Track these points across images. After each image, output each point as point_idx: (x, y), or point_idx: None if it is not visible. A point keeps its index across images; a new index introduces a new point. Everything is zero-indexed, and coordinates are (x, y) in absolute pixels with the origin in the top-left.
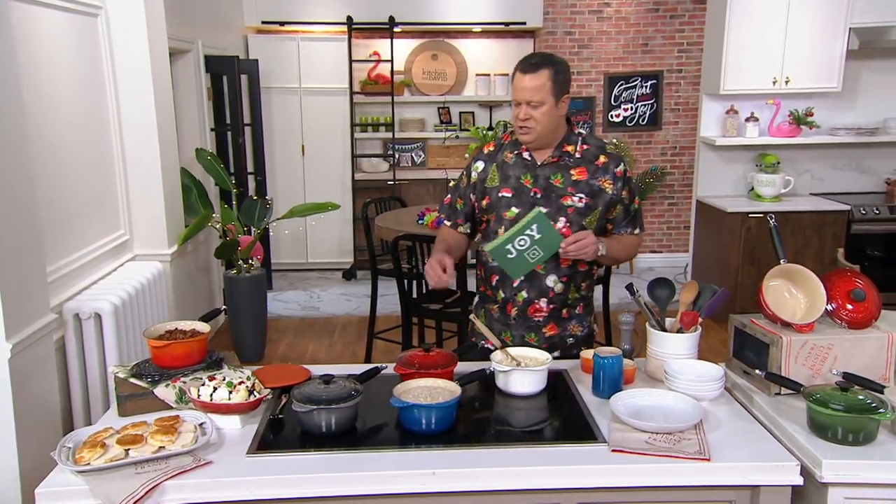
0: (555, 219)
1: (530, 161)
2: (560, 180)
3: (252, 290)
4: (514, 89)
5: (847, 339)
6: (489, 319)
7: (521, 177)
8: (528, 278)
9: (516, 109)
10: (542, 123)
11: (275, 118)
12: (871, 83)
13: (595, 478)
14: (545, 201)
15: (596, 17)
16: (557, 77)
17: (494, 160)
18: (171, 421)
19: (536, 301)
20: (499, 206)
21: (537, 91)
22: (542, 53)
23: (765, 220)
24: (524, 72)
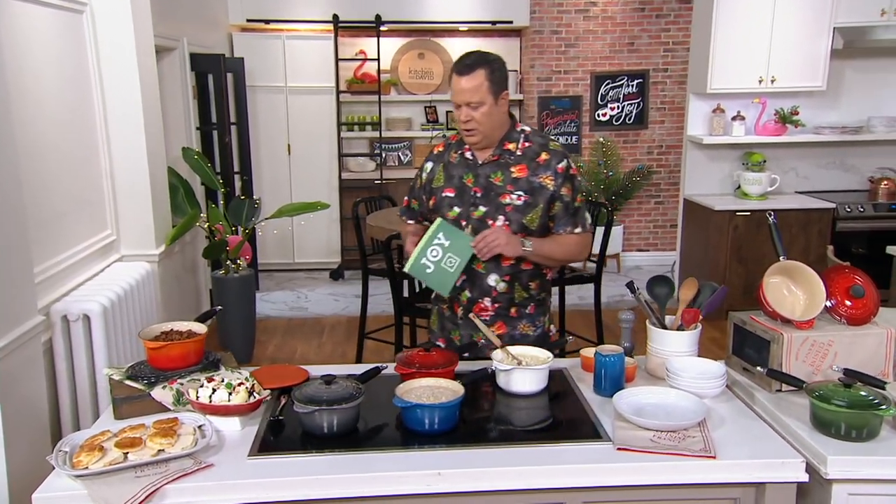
0: (494, 217)
1: (472, 160)
2: (500, 178)
3: (241, 290)
4: (452, 91)
5: (847, 335)
6: (441, 318)
7: (464, 176)
8: (469, 278)
9: (457, 112)
10: (485, 123)
11: (260, 117)
12: (855, 82)
13: (600, 476)
14: (485, 200)
15: (582, 16)
16: (494, 76)
17: (442, 160)
18: (169, 423)
19: (480, 300)
20: (442, 206)
21: (475, 92)
22: (476, 53)
23: (752, 219)
24: (460, 73)
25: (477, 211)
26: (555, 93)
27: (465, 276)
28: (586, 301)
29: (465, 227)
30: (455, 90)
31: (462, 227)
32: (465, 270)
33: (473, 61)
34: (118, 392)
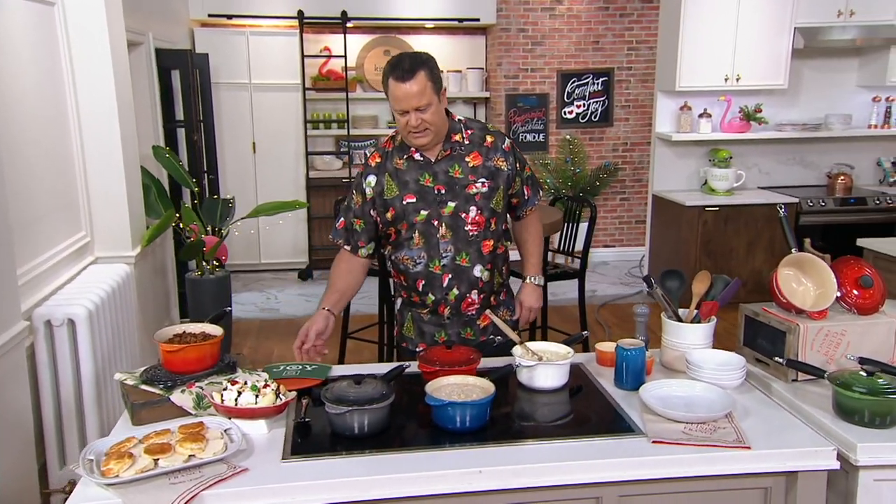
0: (465, 209)
1: (423, 160)
2: (459, 171)
3: (217, 291)
4: (393, 99)
5: (859, 324)
6: (418, 324)
7: (420, 178)
8: (456, 275)
9: (403, 118)
10: (435, 122)
11: (224, 115)
12: (813, 81)
13: (638, 470)
14: (451, 195)
15: (548, 14)
16: (433, 74)
17: (385, 170)
18: (196, 428)
19: (468, 295)
20: (406, 213)
21: (422, 95)
22: (408, 56)
23: (720, 214)
24: (402, 80)
25: (447, 207)
26: (522, 91)
27: (451, 274)
28: (557, 297)
29: (437, 226)
30: (398, 97)
31: (435, 227)
32: (451, 268)
33: (411, 65)
34: (135, 397)
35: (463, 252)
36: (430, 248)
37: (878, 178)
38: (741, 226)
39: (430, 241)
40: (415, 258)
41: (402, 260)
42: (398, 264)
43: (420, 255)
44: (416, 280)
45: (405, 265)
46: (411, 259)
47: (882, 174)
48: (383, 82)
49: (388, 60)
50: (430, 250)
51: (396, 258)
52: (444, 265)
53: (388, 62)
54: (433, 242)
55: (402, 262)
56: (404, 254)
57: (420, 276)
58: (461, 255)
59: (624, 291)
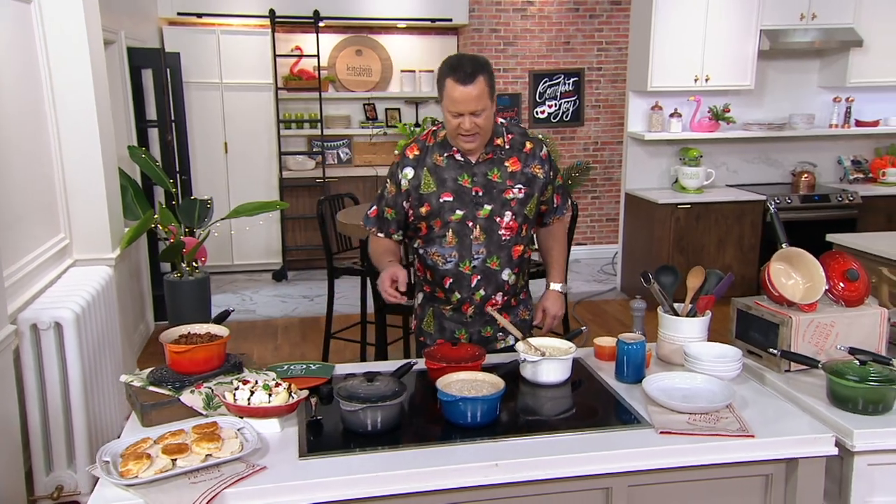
0: (500, 214)
1: (464, 161)
2: (497, 175)
3: (196, 293)
4: (449, 100)
5: (847, 316)
6: (440, 319)
7: (459, 178)
8: (485, 276)
9: (456, 120)
10: (486, 128)
11: (195, 114)
12: (777, 81)
13: (647, 460)
14: (487, 199)
15: (520, 15)
16: (491, 79)
17: (424, 164)
18: (210, 428)
19: (494, 296)
20: (442, 211)
21: (480, 100)
22: (470, 59)
23: (691, 211)
24: (463, 83)
25: (483, 210)
26: None
27: (480, 275)
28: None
29: (472, 227)
30: (455, 99)
31: (469, 228)
32: (481, 270)
33: (473, 69)
34: (145, 398)
35: (495, 255)
36: (462, 248)
37: (838, 176)
38: (712, 223)
39: (463, 241)
40: (446, 256)
41: (431, 255)
42: (426, 259)
43: (451, 253)
44: (444, 277)
45: (434, 261)
46: (442, 256)
47: (842, 172)
48: (439, 80)
49: (446, 60)
50: (462, 250)
51: (426, 253)
52: (474, 266)
53: (447, 62)
54: (466, 243)
55: (431, 257)
56: (435, 250)
57: (448, 275)
58: (493, 258)
59: (598, 288)
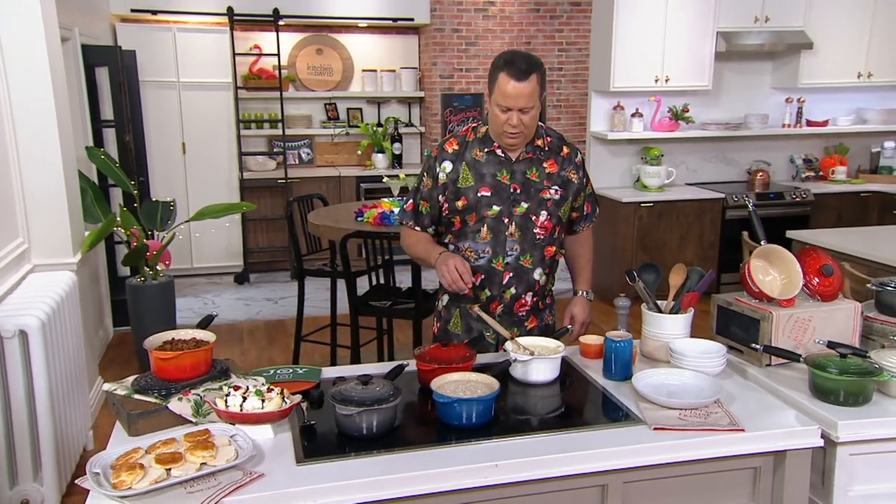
0: (536, 213)
1: (504, 157)
2: (536, 174)
3: (160, 298)
4: (500, 94)
5: (823, 310)
6: (467, 319)
7: (498, 174)
8: (517, 274)
9: (504, 115)
10: (531, 127)
11: (151, 114)
12: (733, 82)
13: (642, 456)
14: (525, 196)
15: (482, 15)
16: (544, 79)
17: (463, 159)
18: (203, 435)
19: (524, 296)
20: (479, 206)
21: (530, 97)
22: (524, 55)
23: (654, 209)
24: (517, 79)
25: (519, 207)
26: (457, 90)
27: (512, 273)
28: None
29: (508, 224)
30: (507, 94)
31: (505, 224)
32: (514, 267)
33: (528, 66)
34: (132, 407)
35: (528, 253)
36: (496, 244)
37: (790, 174)
38: (673, 220)
39: (497, 237)
40: (479, 251)
41: (464, 251)
42: (460, 253)
43: (485, 249)
44: (476, 274)
45: (466, 257)
46: (475, 252)
47: (794, 170)
48: (491, 73)
49: (501, 55)
50: (496, 246)
51: (457, 249)
52: (507, 263)
53: (502, 57)
54: (501, 239)
55: (463, 252)
56: (468, 245)
57: (480, 270)
58: (526, 255)
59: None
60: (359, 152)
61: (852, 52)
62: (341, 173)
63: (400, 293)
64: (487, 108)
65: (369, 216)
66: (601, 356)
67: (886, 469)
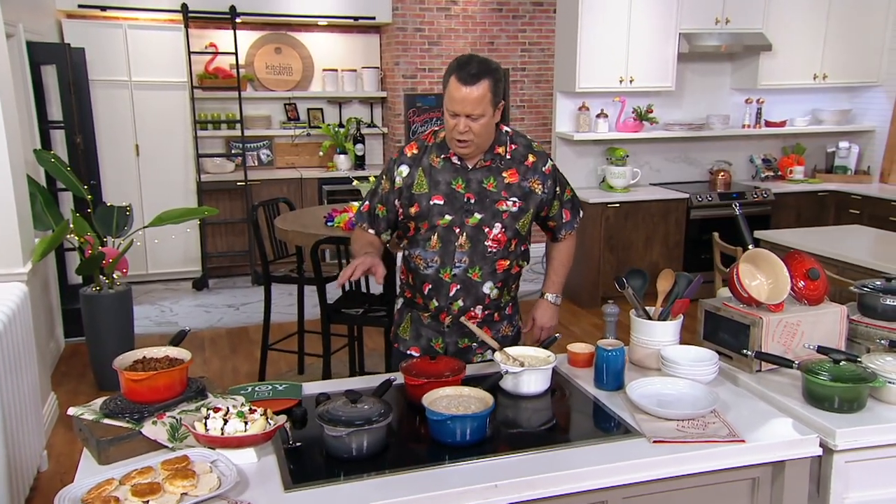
0: (490, 224)
1: (460, 165)
2: (493, 184)
3: (117, 307)
4: (448, 98)
5: (811, 314)
6: (417, 326)
7: (452, 182)
8: (464, 287)
9: (453, 121)
10: (481, 136)
11: (101, 115)
12: (694, 83)
13: (643, 472)
14: (478, 207)
15: (444, 14)
16: (496, 86)
17: (420, 164)
18: (181, 462)
19: (472, 308)
20: (430, 214)
21: (478, 104)
22: (479, 60)
23: (620, 210)
24: (465, 82)
25: (472, 218)
26: (420, 90)
27: (459, 284)
28: None
29: (458, 234)
30: (454, 99)
31: (455, 234)
32: (461, 279)
33: (479, 70)
34: (102, 433)
35: (477, 266)
36: (445, 254)
37: (750, 174)
38: (639, 221)
39: (447, 247)
40: (427, 260)
41: (414, 258)
42: (409, 262)
43: (433, 258)
44: (424, 283)
45: (415, 264)
46: (423, 260)
47: (754, 170)
48: (445, 77)
49: (457, 58)
50: (444, 256)
51: (409, 255)
52: (454, 274)
53: (456, 59)
54: (450, 249)
55: (413, 259)
56: (418, 253)
57: (428, 280)
58: (474, 268)
59: (530, 288)
60: (320, 153)
61: (809, 54)
62: (303, 175)
63: (373, 300)
64: None
65: (340, 221)
66: (590, 365)
67: (881, 475)
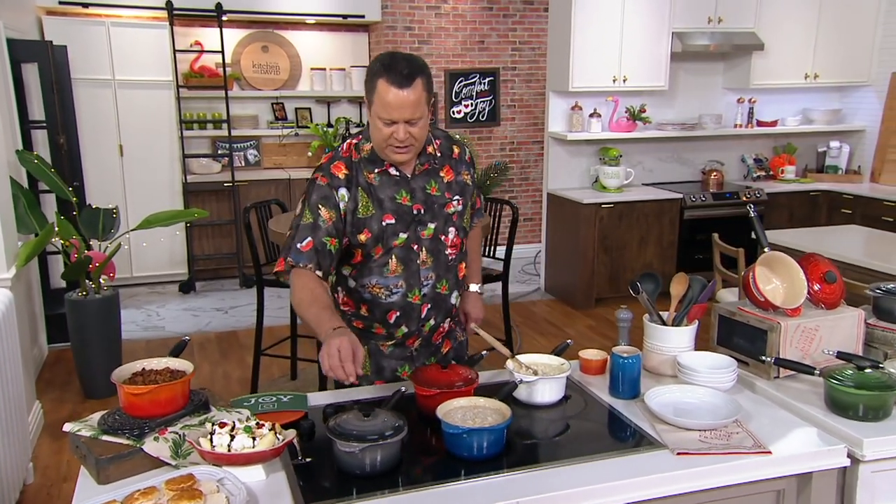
0: (444, 231)
1: (400, 176)
2: (435, 188)
3: (104, 313)
4: (381, 105)
5: (829, 319)
6: (377, 358)
7: (396, 196)
8: (435, 304)
9: (389, 129)
10: (420, 138)
11: (83, 114)
12: (687, 82)
13: (668, 486)
14: (430, 216)
15: (434, 13)
16: (429, 83)
17: (357, 184)
18: (187, 482)
19: (442, 324)
20: (385, 236)
21: (417, 106)
22: (406, 58)
23: (614, 210)
24: (399, 86)
25: (426, 230)
26: None
27: (430, 303)
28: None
29: (417, 251)
30: (389, 105)
31: (415, 252)
32: (431, 297)
33: (410, 70)
34: (100, 451)
35: (444, 279)
36: (409, 275)
37: (742, 174)
38: (633, 221)
39: (409, 267)
40: (390, 287)
41: (370, 288)
42: (362, 293)
43: (397, 283)
44: (388, 311)
45: (373, 294)
46: (385, 288)
47: (746, 170)
48: (368, 81)
49: (378, 58)
50: (409, 278)
51: (362, 286)
52: (424, 294)
53: (379, 60)
54: (413, 269)
55: (369, 290)
56: (376, 281)
57: (394, 307)
58: (442, 282)
59: (522, 289)
60: (309, 154)
61: (800, 53)
62: (291, 176)
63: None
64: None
65: None
66: (602, 372)
67: None
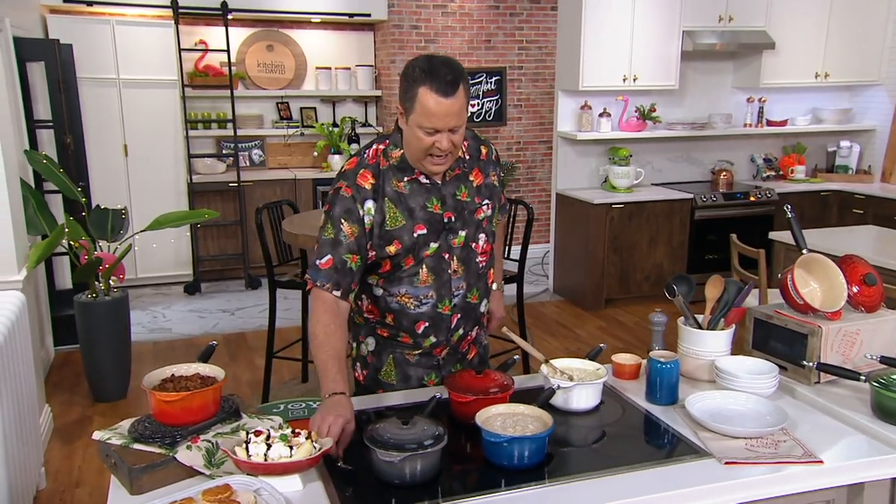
0: (475, 238)
1: (430, 183)
2: (466, 193)
3: (113, 315)
4: (424, 114)
5: (871, 323)
6: (403, 367)
7: (428, 205)
8: (465, 314)
9: (431, 138)
10: (459, 145)
11: (88, 114)
12: (697, 82)
13: (717, 497)
14: (461, 223)
15: (441, 11)
16: (469, 88)
17: (384, 194)
18: (224, 492)
19: (470, 332)
20: (416, 246)
21: (461, 114)
22: (443, 62)
23: (624, 210)
24: (445, 94)
25: (457, 238)
26: None
27: (461, 314)
28: None
29: (448, 260)
30: (434, 114)
31: (446, 261)
32: (461, 307)
33: (454, 77)
34: (133, 460)
35: (474, 288)
36: (440, 286)
37: (751, 174)
38: (643, 221)
39: (440, 277)
40: (420, 297)
41: (399, 298)
42: (390, 302)
43: (428, 294)
44: (417, 322)
45: (402, 304)
46: (415, 298)
47: (755, 169)
48: (408, 88)
49: (415, 63)
50: (440, 289)
51: (390, 294)
52: (454, 305)
53: (419, 66)
54: (444, 279)
55: (398, 300)
56: (405, 291)
57: (423, 318)
58: (472, 291)
59: (531, 290)
60: (315, 153)
61: (810, 52)
62: (297, 176)
63: None
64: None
65: None
66: (636, 377)
67: None
